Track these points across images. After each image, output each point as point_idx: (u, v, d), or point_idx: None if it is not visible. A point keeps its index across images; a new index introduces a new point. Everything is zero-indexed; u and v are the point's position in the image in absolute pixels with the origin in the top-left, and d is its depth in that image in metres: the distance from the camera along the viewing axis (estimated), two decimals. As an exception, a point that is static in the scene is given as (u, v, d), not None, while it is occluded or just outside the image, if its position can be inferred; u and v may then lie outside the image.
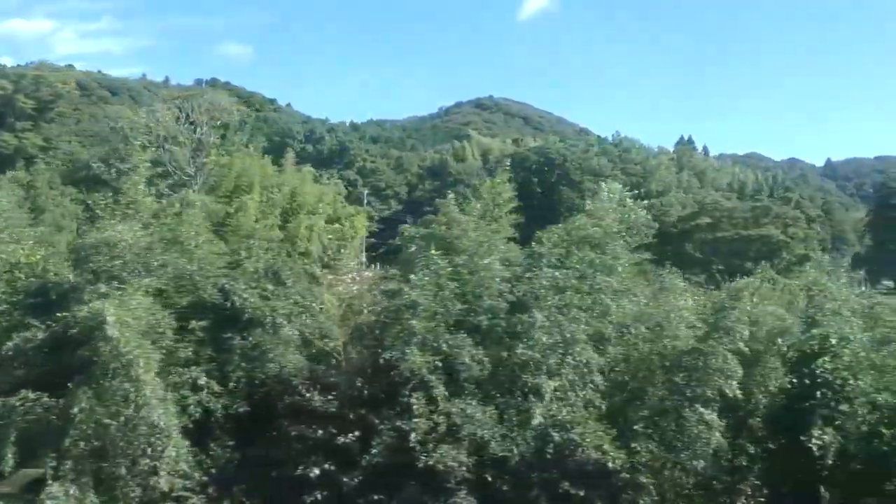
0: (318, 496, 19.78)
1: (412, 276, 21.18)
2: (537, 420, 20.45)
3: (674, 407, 21.84)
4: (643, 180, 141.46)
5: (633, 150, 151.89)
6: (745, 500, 22.29)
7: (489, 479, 20.58)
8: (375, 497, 19.89)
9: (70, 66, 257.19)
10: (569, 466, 20.64)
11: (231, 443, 20.78)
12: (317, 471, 19.75)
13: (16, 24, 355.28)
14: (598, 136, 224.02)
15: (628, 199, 26.73)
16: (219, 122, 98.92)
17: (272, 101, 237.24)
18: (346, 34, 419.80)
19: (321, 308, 21.89)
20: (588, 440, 20.56)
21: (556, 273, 21.53)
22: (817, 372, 22.19)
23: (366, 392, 20.78)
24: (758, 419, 23.11)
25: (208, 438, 20.63)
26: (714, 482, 22.12)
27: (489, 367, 20.87)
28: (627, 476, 21.43)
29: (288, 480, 19.93)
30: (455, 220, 23.96)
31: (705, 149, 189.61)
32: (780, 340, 23.54)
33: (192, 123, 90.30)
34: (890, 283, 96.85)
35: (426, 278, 20.97)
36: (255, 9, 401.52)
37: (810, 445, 21.17)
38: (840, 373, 22.06)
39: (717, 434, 21.44)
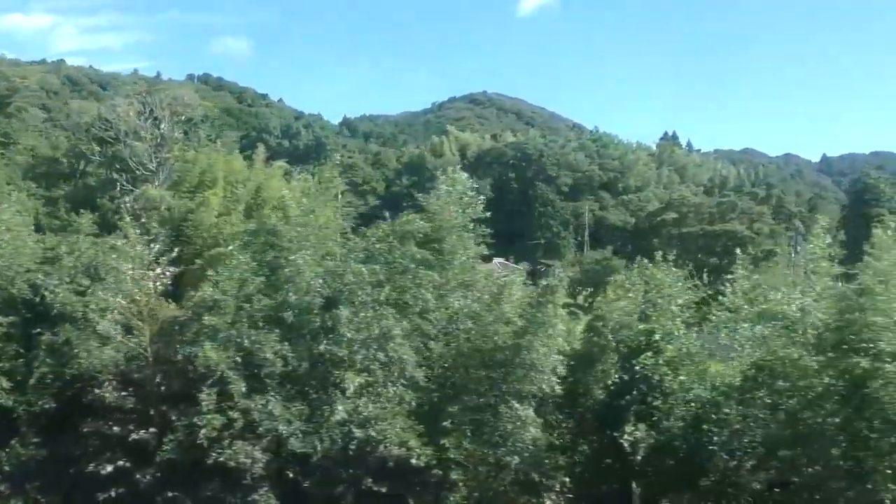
0: (113, 493, 19.66)
1: (212, 273, 21.07)
2: (339, 416, 20.29)
3: (488, 403, 21.70)
4: (620, 175, 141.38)
5: (612, 146, 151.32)
6: (555, 497, 22.12)
7: (291, 475, 20.46)
8: (170, 494, 19.77)
9: (61, 61, 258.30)
10: (371, 463, 20.51)
11: (36, 440, 20.67)
12: (110, 468, 19.63)
13: (15, 20, 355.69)
14: (591, 131, 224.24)
15: (469, 192, 26.32)
16: (182, 118, 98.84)
17: (264, 97, 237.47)
18: (346, 30, 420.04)
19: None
20: (391, 436, 20.41)
21: (363, 268, 21.29)
22: (636, 368, 22.05)
23: (163, 388, 20.67)
24: (590, 415, 23.00)
25: (12, 436, 20.53)
26: (531, 477, 21.92)
27: (296, 364, 20.72)
28: (440, 472, 21.31)
29: (84, 477, 19.82)
30: (286, 212, 23.75)
31: (689, 144, 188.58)
32: (611, 337, 23.41)
33: (155, 119, 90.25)
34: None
35: (225, 274, 20.82)
36: (255, 4, 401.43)
37: (622, 441, 21.05)
38: (660, 368, 21.90)
39: (533, 430, 21.31)
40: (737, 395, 20.73)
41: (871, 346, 17.84)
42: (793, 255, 67.20)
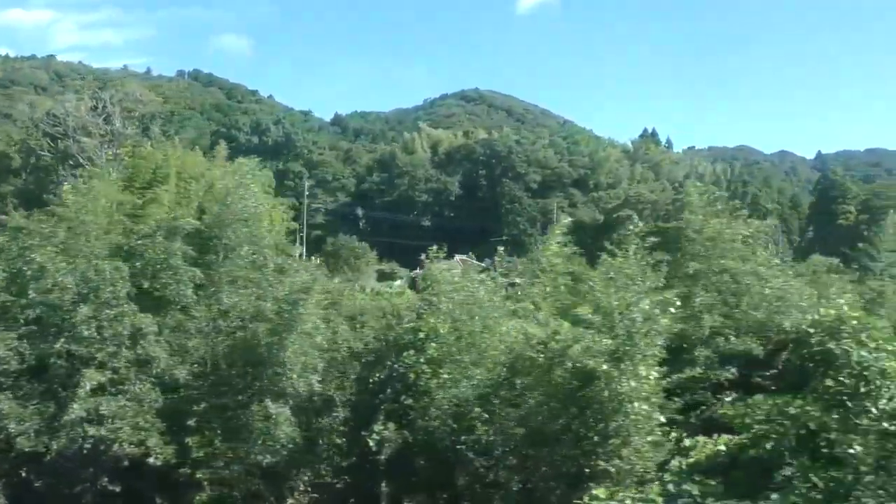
0: None
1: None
2: (74, 415, 19.98)
3: (242, 402, 21.38)
4: (591, 172, 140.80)
5: (583, 143, 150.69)
6: (298, 495, 21.80)
7: (24, 475, 20.19)
8: None
9: (51, 56, 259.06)
10: (105, 462, 20.22)
11: None
12: None
13: (15, 15, 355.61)
14: (583, 129, 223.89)
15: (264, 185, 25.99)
16: (135, 114, 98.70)
17: (254, 93, 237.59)
18: (346, 28, 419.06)
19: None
20: (125, 435, 20.10)
21: (106, 265, 20.97)
22: (395, 366, 21.70)
23: None
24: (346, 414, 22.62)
25: None
26: (282, 476, 21.59)
27: (35, 362, 20.46)
28: (188, 472, 21.01)
29: None
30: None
31: (669, 142, 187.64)
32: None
33: (108, 115, 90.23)
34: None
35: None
36: (254, 1, 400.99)
37: (369, 441, 20.70)
38: (421, 366, 21.51)
39: (287, 428, 20.97)
40: (490, 394, 20.40)
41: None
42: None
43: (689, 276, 22.49)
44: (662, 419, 17.67)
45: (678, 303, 18.13)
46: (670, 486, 13.44)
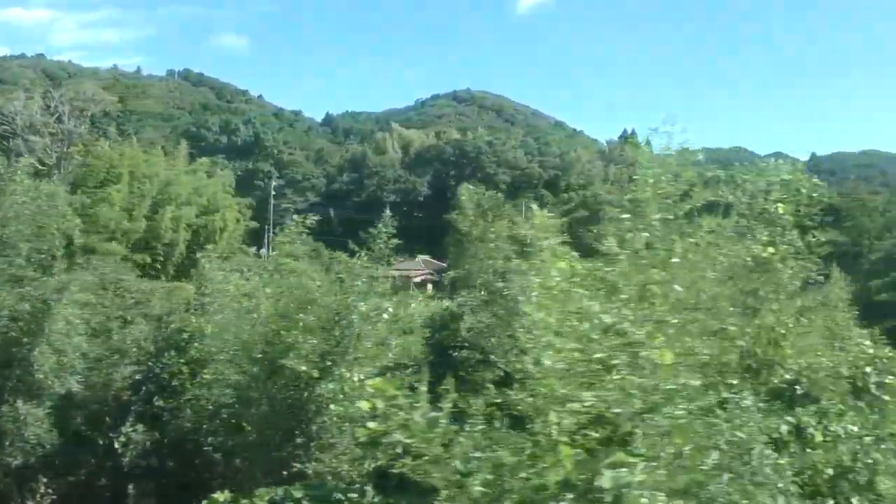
0: None
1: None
2: None
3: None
4: (561, 173, 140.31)
5: (553, 143, 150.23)
6: (38, 498, 21.51)
7: None
8: None
9: (41, 55, 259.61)
10: None
11: None
12: None
13: (14, 14, 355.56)
14: (574, 130, 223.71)
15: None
16: (88, 113, 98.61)
17: (244, 93, 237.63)
18: (345, 28, 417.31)
19: None
20: None
21: None
22: (154, 367, 21.46)
23: None
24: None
25: None
26: (31, 477, 21.33)
27: None
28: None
29: None
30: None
31: (648, 143, 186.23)
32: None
33: (59, 114, 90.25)
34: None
35: None
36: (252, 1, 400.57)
37: (116, 442, 20.48)
38: (180, 366, 21.28)
39: (37, 429, 20.69)
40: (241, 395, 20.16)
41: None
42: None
43: (463, 277, 22.24)
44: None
45: (390, 309, 17.86)
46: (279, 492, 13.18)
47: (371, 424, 6.82)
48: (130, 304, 25.83)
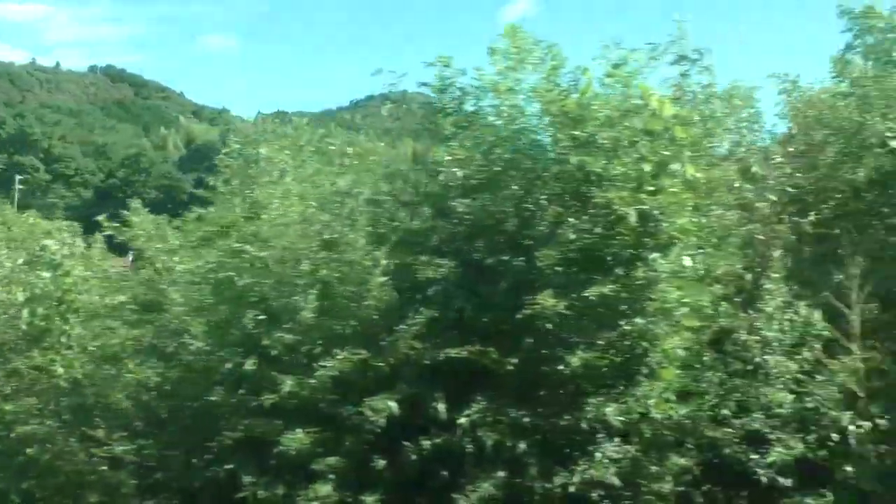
0: None
1: None
2: None
3: None
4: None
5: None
6: None
7: None
8: None
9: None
10: None
11: None
12: None
13: (9, 9, 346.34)
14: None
15: None
16: None
17: (164, 90, 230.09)
18: (338, 28, 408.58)
19: None
20: None
21: None
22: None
23: None
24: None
25: None
26: None
27: None
28: None
29: None
30: None
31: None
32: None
33: None
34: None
35: None
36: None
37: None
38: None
39: None
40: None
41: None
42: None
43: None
44: None
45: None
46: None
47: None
48: None
